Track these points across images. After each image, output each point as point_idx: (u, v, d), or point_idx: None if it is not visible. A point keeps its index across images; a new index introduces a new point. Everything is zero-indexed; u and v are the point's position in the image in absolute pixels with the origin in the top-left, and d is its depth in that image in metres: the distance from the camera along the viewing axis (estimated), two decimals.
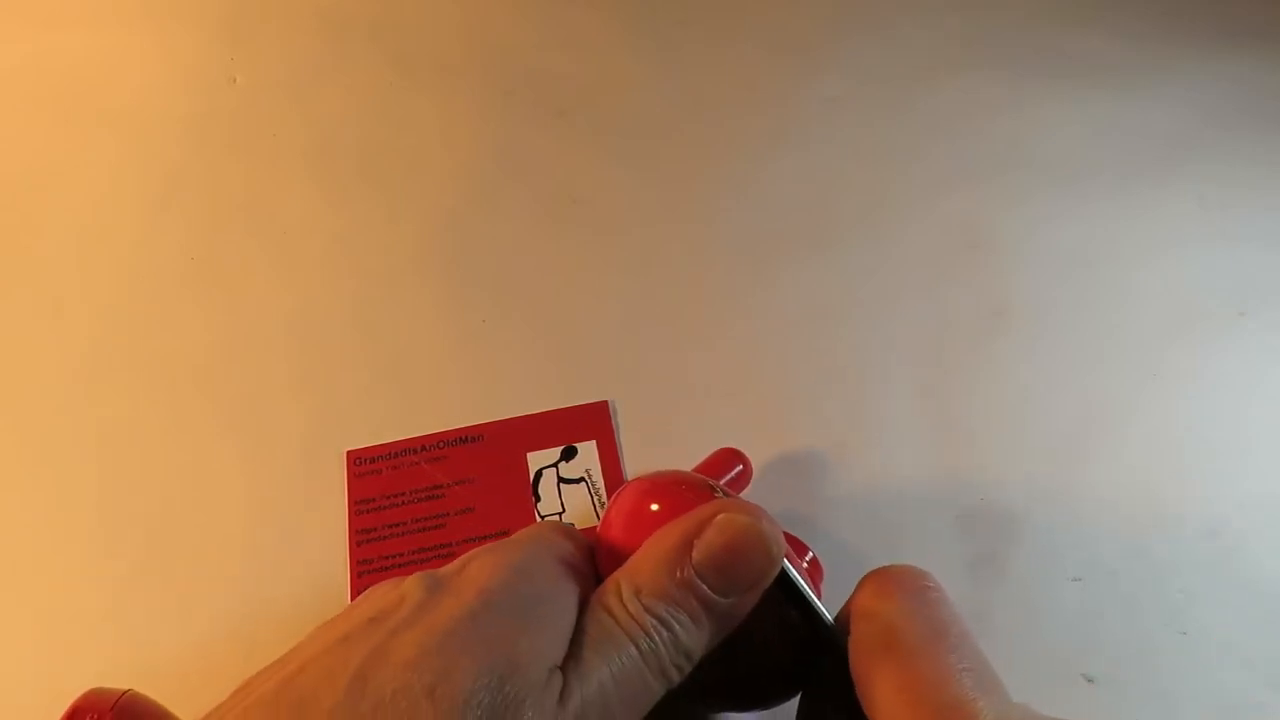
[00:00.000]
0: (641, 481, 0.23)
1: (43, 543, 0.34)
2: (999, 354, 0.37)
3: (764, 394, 0.36)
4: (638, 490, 0.22)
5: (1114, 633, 0.30)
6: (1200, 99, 0.44)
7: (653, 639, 0.18)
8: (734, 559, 0.19)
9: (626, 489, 0.23)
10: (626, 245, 0.40)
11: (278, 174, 0.43)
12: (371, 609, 0.18)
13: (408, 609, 0.17)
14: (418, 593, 0.18)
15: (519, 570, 0.19)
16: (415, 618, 0.17)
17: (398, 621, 0.17)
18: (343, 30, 0.48)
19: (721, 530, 0.19)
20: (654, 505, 0.22)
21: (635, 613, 0.18)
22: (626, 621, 0.18)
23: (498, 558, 0.19)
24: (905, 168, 0.42)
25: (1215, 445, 0.34)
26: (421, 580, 0.19)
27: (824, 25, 0.48)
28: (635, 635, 0.18)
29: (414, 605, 0.17)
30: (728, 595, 0.19)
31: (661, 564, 0.19)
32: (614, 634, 0.18)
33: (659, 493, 0.22)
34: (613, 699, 0.17)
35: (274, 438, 0.36)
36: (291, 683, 0.16)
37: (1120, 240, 0.39)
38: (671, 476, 0.23)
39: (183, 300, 0.40)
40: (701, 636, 0.18)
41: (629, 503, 0.22)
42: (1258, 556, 0.32)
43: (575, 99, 0.45)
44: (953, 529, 0.32)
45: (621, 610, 0.18)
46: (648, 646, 0.18)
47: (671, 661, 0.18)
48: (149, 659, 0.31)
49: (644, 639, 0.18)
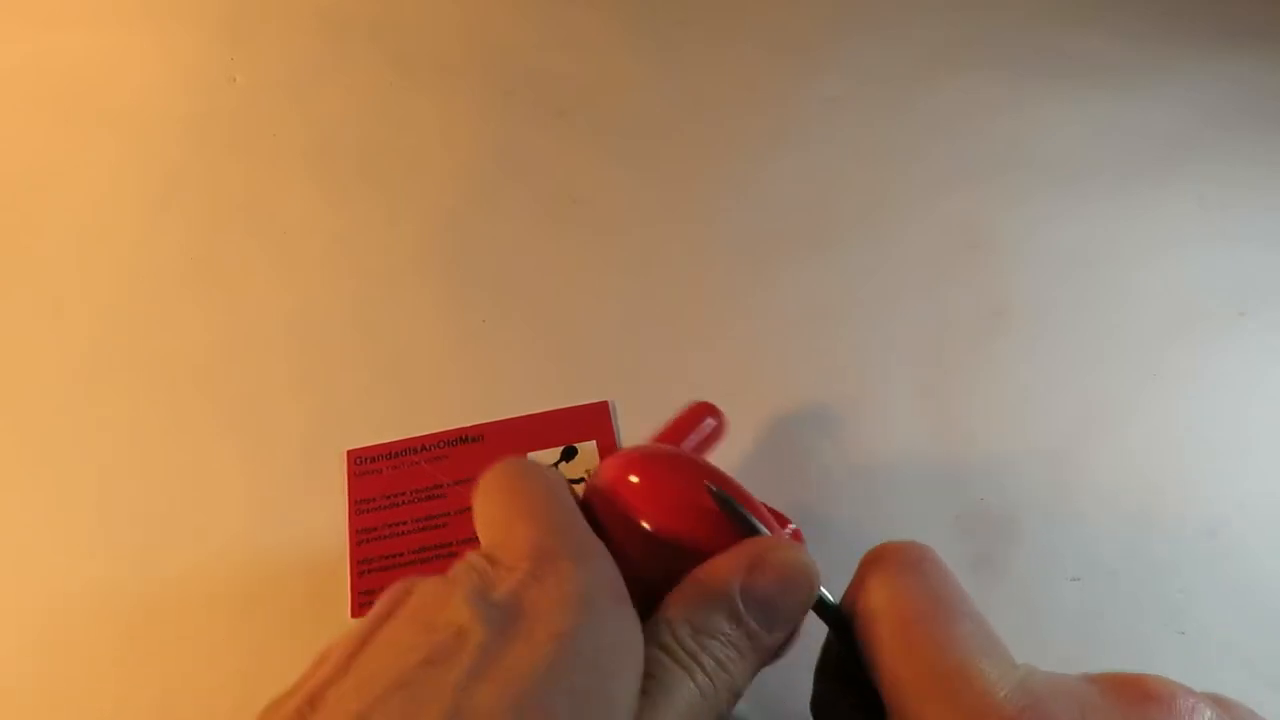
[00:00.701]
0: (629, 451, 0.23)
1: (42, 543, 0.34)
2: (999, 354, 0.37)
3: (764, 394, 0.36)
4: (620, 461, 0.23)
5: (1114, 633, 0.30)
6: (1200, 99, 0.44)
7: (711, 678, 0.18)
8: (782, 595, 0.19)
9: (607, 462, 0.23)
10: (626, 245, 0.40)
11: (278, 174, 0.43)
12: (423, 644, 0.16)
13: (473, 654, 0.15)
14: (480, 630, 0.16)
15: (588, 604, 0.17)
16: (483, 667, 0.15)
17: (463, 672, 0.15)
18: (343, 30, 0.48)
19: (776, 570, 0.19)
20: (633, 477, 0.22)
21: (693, 650, 0.18)
22: (685, 660, 0.18)
23: (560, 584, 0.17)
24: (905, 168, 0.42)
25: (1215, 445, 0.34)
26: (480, 611, 0.16)
27: (824, 25, 0.48)
28: (693, 672, 0.18)
29: (479, 649, 0.16)
30: (773, 631, 0.19)
31: (714, 601, 0.19)
32: (675, 674, 0.18)
33: (640, 464, 0.22)
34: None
35: (274, 438, 0.36)
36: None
37: (1120, 240, 0.39)
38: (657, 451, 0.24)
39: (183, 300, 0.40)
40: (748, 672, 0.19)
41: (611, 472, 0.23)
42: (1257, 556, 0.32)
43: (575, 99, 0.45)
44: (953, 529, 0.32)
45: (678, 648, 0.18)
46: (706, 685, 0.18)
47: (724, 699, 0.18)
48: (148, 658, 0.31)
49: (702, 677, 0.18)
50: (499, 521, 0.20)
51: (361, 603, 0.32)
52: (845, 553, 0.21)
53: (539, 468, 0.22)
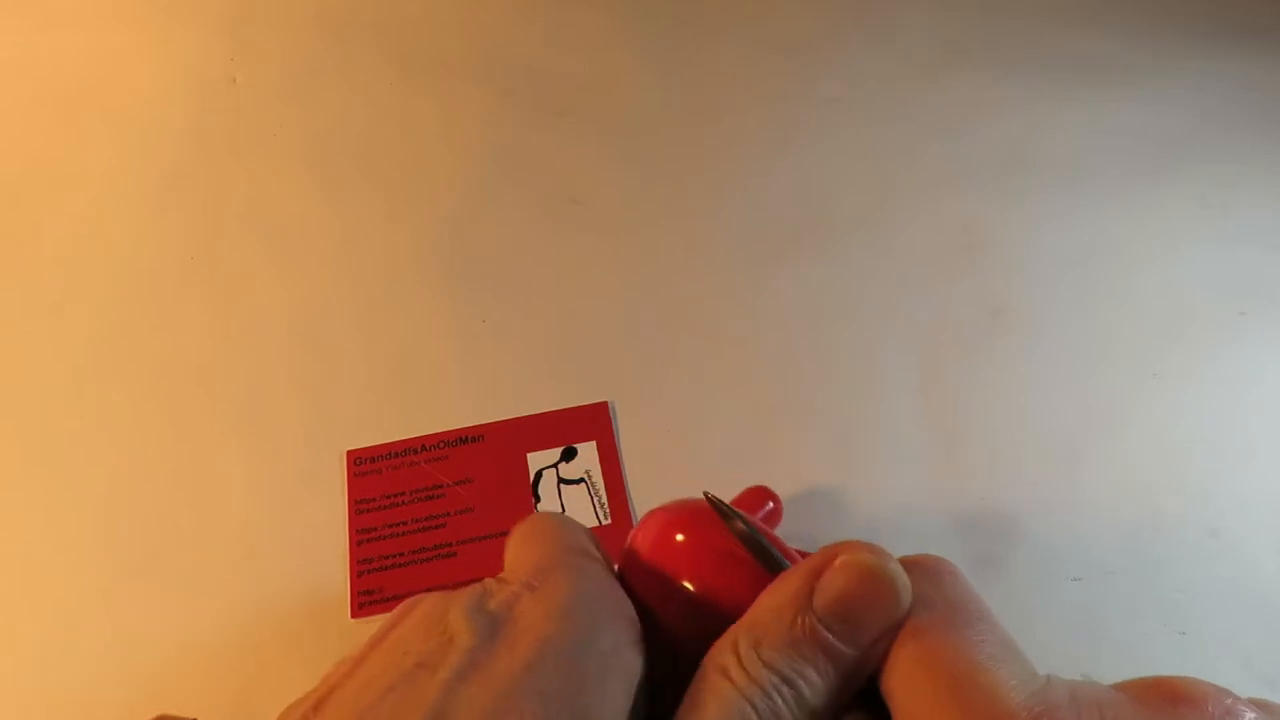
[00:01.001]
0: (666, 511, 0.22)
1: (43, 542, 0.34)
2: (999, 354, 0.37)
3: (764, 394, 0.36)
4: (664, 519, 0.22)
5: (1114, 633, 0.30)
6: (1200, 99, 0.44)
7: (772, 699, 0.16)
8: (859, 604, 0.17)
9: (650, 518, 0.23)
10: (626, 245, 0.40)
11: (278, 174, 0.43)
12: (417, 649, 0.17)
13: (459, 657, 0.16)
14: (467, 636, 0.17)
15: (575, 613, 0.17)
16: (469, 670, 0.16)
17: (450, 673, 0.16)
18: (343, 30, 0.48)
19: (844, 572, 0.17)
20: (679, 536, 0.21)
21: (754, 671, 0.16)
22: (744, 683, 0.16)
23: (549, 598, 0.18)
24: (905, 168, 0.42)
25: (1215, 445, 0.34)
26: (470, 619, 0.17)
27: (824, 25, 0.48)
28: (753, 696, 0.16)
29: (465, 652, 0.16)
30: (854, 645, 0.17)
31: (782, 613, 0.17)
32: (727, 695, 0.16)
33: (683, 523, 0.21)
34: None
35: (274, 438, 0.36)
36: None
37: (1120, 240, 0.39)
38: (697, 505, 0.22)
39: (183, 300, 0.40)
40: (827, 692, 0.17)
41: (654, 530, 0.22)
42: (1257, 556, 0.32)
43: (575, 99, 0.45)
44: (953, 529, 0.32)
45: (739, 670, 0.17)
46: (766, 707, 0.16)
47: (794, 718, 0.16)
48: (148, 658, 0.31)
49: (763, 699, 0.16)
50: (514, 552, 0.21)
51: (361, 603, 0.32)
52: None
53: (560, 518, 0.23)
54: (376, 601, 0.32)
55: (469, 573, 0.32)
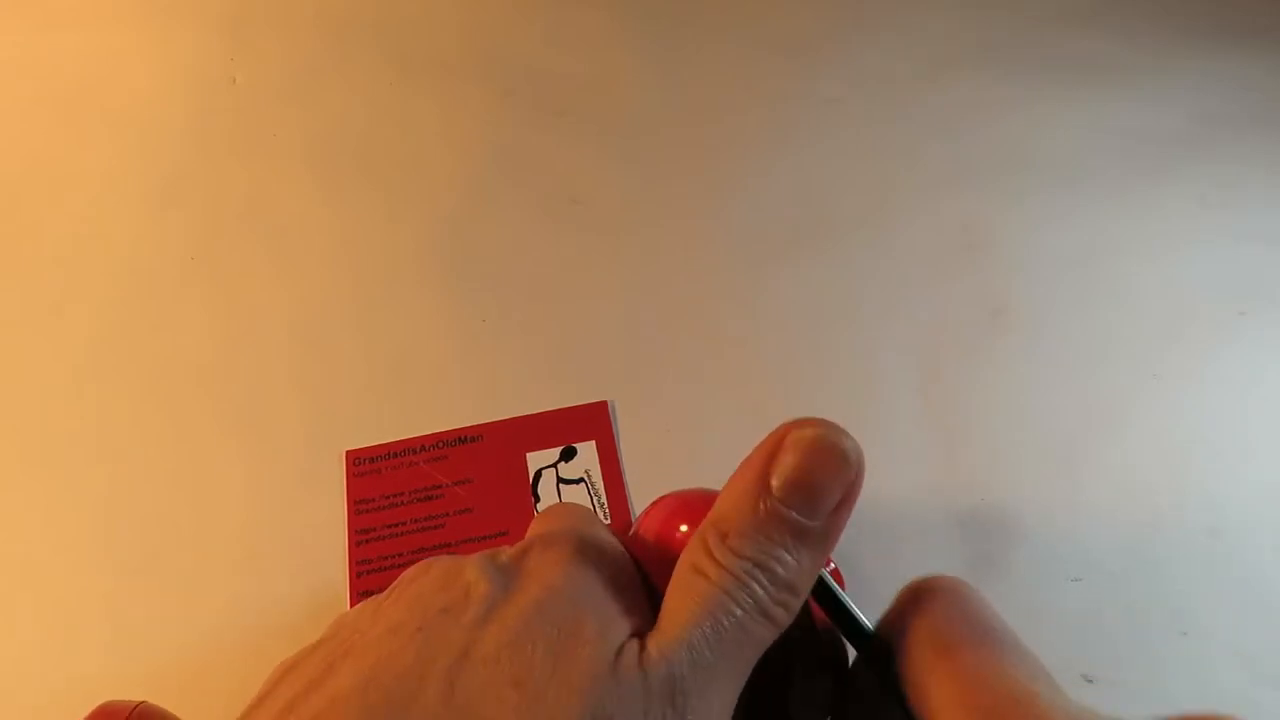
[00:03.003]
0: (671, 499, 0.23)
1: (43, 542, 0.34)
2: (999, 354, 0.37)
3: (764, 394, 0.36)
4: (667, 508, 0.22)
5: (1115, 633, 0.30)
6: (1200, 99, 0.44)
7: (749, 585, 0.17)
8: (814, 476, 0.18)
9: (655, 506, 0.23)
10: (626, 245, 0.40)
11: (278, 174, 0.43)
12: (440, 598, 0.18)
13: (479, 603, 0.18)
14: (484, 585, 0.18)
15: (575, 561, 0.19)
16: (488, 614, 0.17)
17: (471, 618, 0.17)
18: (343, 30, 0.48)
19: (794, 450, 0.18)
20: (683, 526, 0.21)
21: (727, 562, 0.17)
22: (718, 575, 0.17)
23: (555, 550, 0.19)
24: (905, 168, 0.42)
25: (1215, 445, 0.34)
26: (485, 571, 0.19)
27: (824, 26, 0.48)
28: (727, 584, 0.17)
29: (483, 599, 0.18)
30: (816, 516, 0.18)
31: (743, 501, 0.18)
32: (703, 591, 0.17)
33: (688, 514, 0.22)
34: (708, 656, 0.16)
35: (274, 438, 0.36)
36: (376, 681, 0.16)
37: (1120, 240, 0.39)
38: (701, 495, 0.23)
39: (183, 300, 0.40)
40: (802, 565, 0.18)
41: (660, 519, 0.22)
42: (1258, 556, 0.32)
43: (575, 99, 0.45)
44: (953, 529, 0.32)
45: (711, 564, 0.17)
46: (742, 593, 0.17)
47: (774, 600, 0.17)
48: (148, 658, 0.31)
49: (739, 587, 0.17)
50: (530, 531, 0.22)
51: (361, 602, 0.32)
52: (844, 552, 0.21)
53: (583, 506, 0.24)
54: None
55: None
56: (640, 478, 0.34)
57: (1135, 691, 0.29)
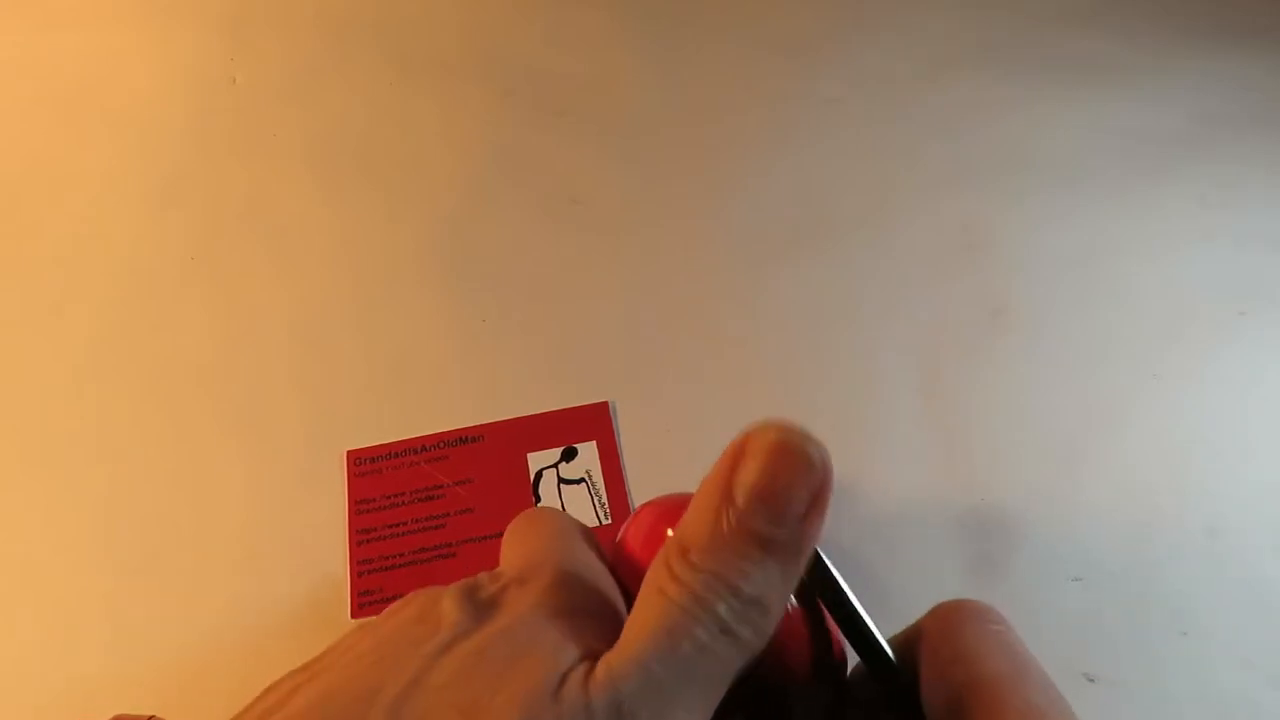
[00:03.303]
0: (657, 504, 0.23)
1: (43, 542, 0.34)
2: (999, 354, 0.37)
3: (764, 394, 0.36)
4: (651, 515, 0.22)
5: (1114, 633, 0.30)
6: (1200, 99, 0.44)
7: (712, 603, 0.16)
8: (779, 483, 0.16)
9: (641, 511, 0.23)
10: (626, 245, 0.40)
11: (278, 174, 0.43)
12: (411, 630, 0.18)
13: (446, 631, 0.17)
14: (455, 614, 0.18)
15: (549, 590, 0.18)
16: (451, 644, 0.17)
17: (434, 645, 0.17)
18: (343, 30, 0.48)
19: (756, 457, 0.17)
20: (669, 532, 0.21)
21: (686, 577, 0.16)
22: (679, 594, 0.16)
23: (533, 582, 0.19)
24: (905, 168, 0.42)
25: (1215, 445, 0.34)
26: (459, 603, 0.18)
27: (824, 26, 0.48)
28: (686, 602, 0.16)
29: (450, 628, 0.17)
30: (784, 524, 0.16)
31: (705, 514, 0.17)
32: (662, 609, 0.16)
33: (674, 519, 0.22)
34: (665, 678, 0.15)
35: (274, 438, 0.36)
36: (329, 703, 0.16)
37: (1120, 240, 0.39)
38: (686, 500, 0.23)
39: (183, 300, 0.40)
40: (770, 579, 0.17)
41: (645, 526, 0.22)
42: (1258, 556, 0.32)
43: (575, 99, 0.45)
44: (953, 529, 0.32)
45: (673, 584, 0.16)
46: (703, 611, 0.16)
47: (739, 618, 0.16)
48: (148, 658, 0.31)
49: (700, 606, 0.16)
50: (509, 547, 0.22)
51: (361, 603, 0.32)
52: (845, 553, 0.21)
53: (555, 512, 0.23)
54: (376, 601, 0.32)
55: (469, 572, 0.32)
56: (641, 478, 0.34)
57: (1135, 691, 0.29)
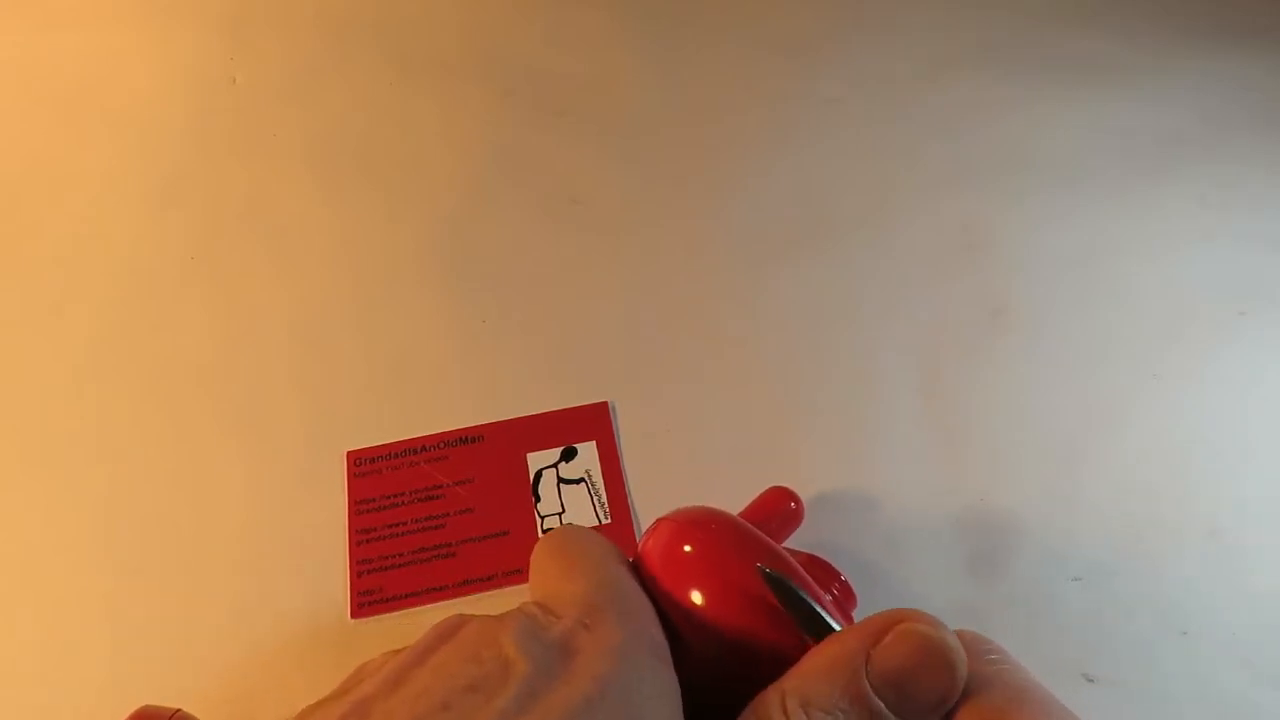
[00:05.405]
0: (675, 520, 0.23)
1: (43, 542, 0.34)
2: (998, 354, 0.37)
3: (764, 394, 0.36)
4: (675, 527, 0.22)
5: (1114, 633, 0.30)
6: (1200, 99, 0.44)
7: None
8: (916, 676, 0.17)
9: (660, 526, 0.23)
10: (626, 245, 0.40)
11: (278, 174, 0.43)
12: (468, 673, 0.17)
13: (516, 685, 0.16)
14: (524, 665, 0.17)
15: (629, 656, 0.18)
16: (527, 700, 0.16)
17: (507, 701, 0.16)
18: (343, 30, 0.48)
19: (905, 641, 0.17)
20: (687, 547, 0.21)
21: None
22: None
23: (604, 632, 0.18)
24: (905, 168, 0.42)
25: (1215, 445, 0.34)
26: (525, 648, 0.17)
27: (824, 25, 0.48)
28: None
29: (523, 680, 0.16)
30: (903, 715, 0.17)
31: (835, 674, 0.17)
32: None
33: (693, 531, 0.22)
34: None
35: (274, 438, 0.36)
36: None
37: (1120, 240, 0.39)
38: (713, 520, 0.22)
39: (183, 300, 0.40)
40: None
41: (665, 538, 0.22)
42: (1257, 556, 0.32)
43: (575, 99, 0.45)
44: (953, 529, 0.32)
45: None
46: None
47: None
48: (148, 658, 0.31)
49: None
50: (552, 577, 0.21)
51: (361, 603, 0.32)
52: (845, 553, 0.21)
53: (593, 534, 0.23)
54: (376, 602, 0.32)
55: (469, 572, 0.32)
56: (640, 478, 0.34)
57: (1135, 691, 0.29)
